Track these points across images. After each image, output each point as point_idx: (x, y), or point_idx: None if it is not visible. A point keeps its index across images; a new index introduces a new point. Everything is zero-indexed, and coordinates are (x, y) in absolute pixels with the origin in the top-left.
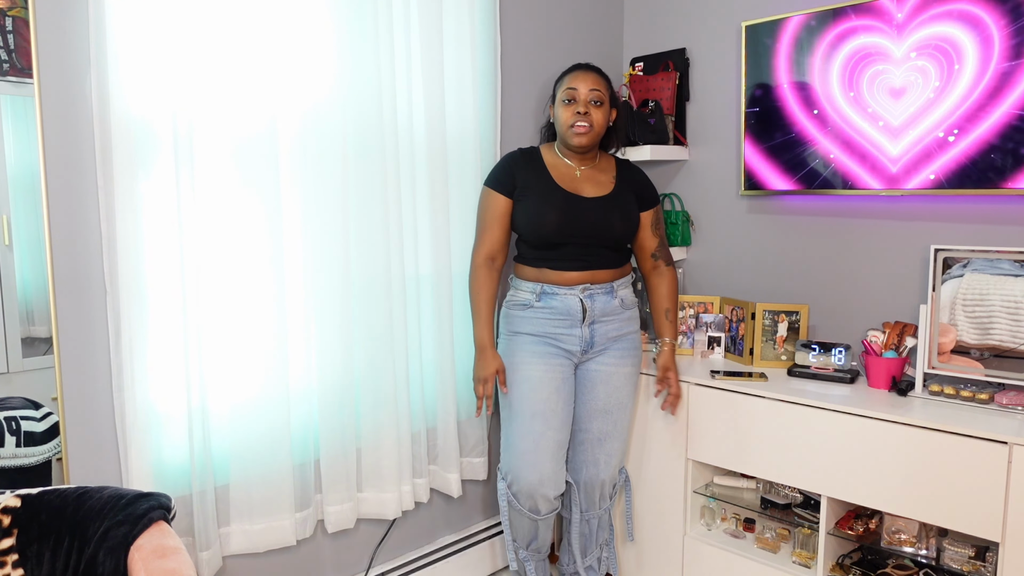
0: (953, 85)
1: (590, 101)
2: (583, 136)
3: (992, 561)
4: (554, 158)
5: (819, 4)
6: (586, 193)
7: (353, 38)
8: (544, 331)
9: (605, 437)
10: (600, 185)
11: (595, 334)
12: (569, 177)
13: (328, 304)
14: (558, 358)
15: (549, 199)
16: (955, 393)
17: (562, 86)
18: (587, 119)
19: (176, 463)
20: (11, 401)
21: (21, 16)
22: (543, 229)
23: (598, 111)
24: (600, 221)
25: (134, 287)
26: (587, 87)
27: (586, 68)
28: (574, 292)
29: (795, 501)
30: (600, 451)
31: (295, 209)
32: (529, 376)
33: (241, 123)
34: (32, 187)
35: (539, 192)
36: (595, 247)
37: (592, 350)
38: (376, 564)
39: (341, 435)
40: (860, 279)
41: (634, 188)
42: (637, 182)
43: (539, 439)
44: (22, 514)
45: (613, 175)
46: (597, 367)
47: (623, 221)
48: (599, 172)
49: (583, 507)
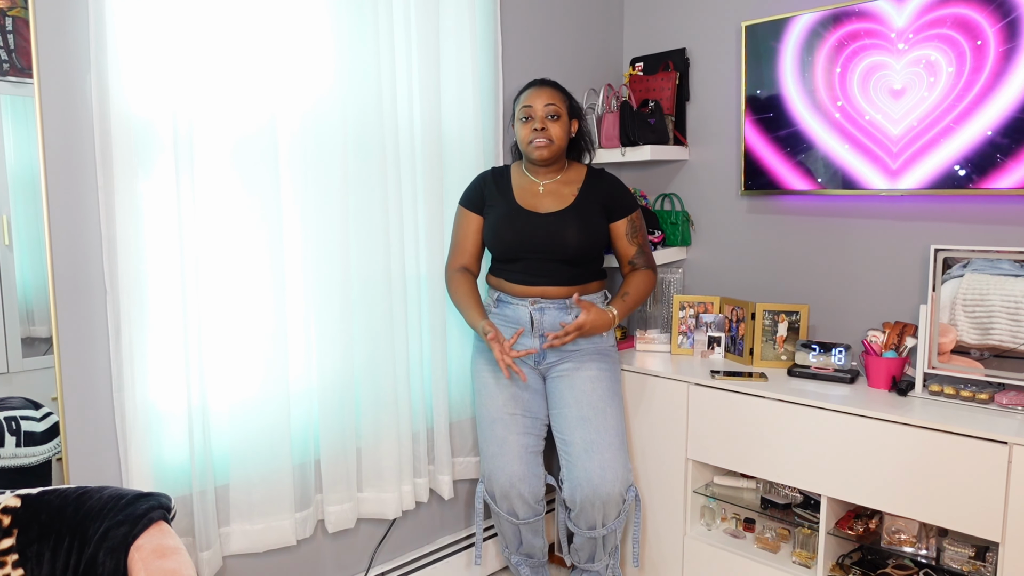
0: (953, 85)
1: (546, 116)
2: (543, 150)
3: (992, 561)
4: (520, 176)
5: (819, 4)
6: (542, 209)
7: (353, 38)
8: None
9: (591, 446)
10: (560, 199)
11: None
12: (531, 194)
13: (328, 304)
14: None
15: (506, 216)
16: (955, 393)
17: (519, 104)
18: (545, 134)
19: (176, 463)
20: (11, 401)
21: (21, 16)
22: (499, 246)
23: (555, 125)
24: (553, 236)
25: (134, 287)
26: (542, 103)
27: (541, 84)
28: (524, 304)
29: (795, 501)
30: (591, 463)
31: (295, 209)
32: (486, 383)
33: (241, 123)
34: (32, 187)
35: (500, 210)
36: (551, 262)
37: (545, 361)
38: (376, 564)
39: (341, 435)
40: (860, 279)
41: (601, 199)
42: (605, 193)
43: (502, 443)
44: (22, 514)
45: (578, 187)
46: (559, 374)
47: (581, 234)
48: (563, 185)
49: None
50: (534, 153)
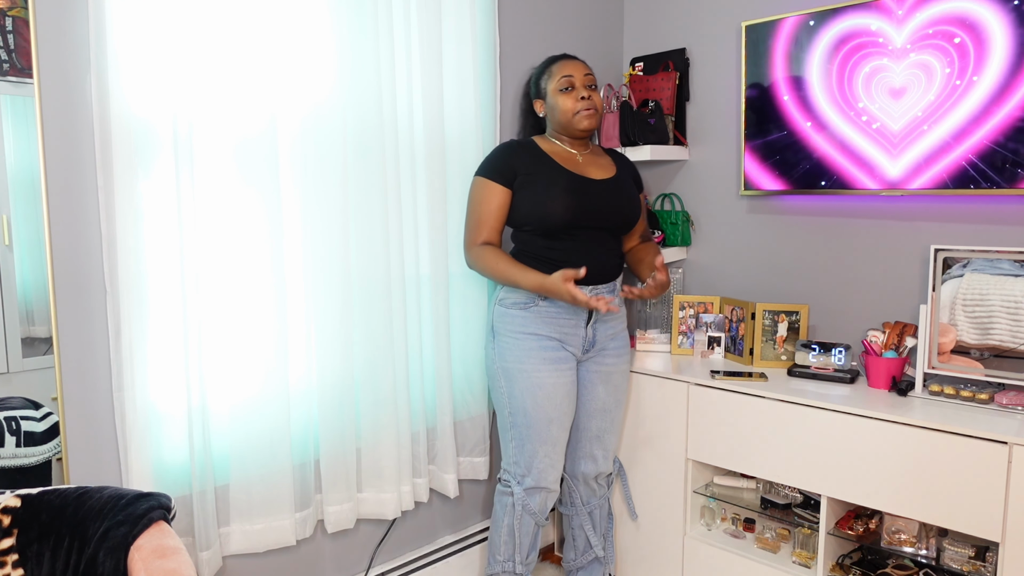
0: (953, 85)
1: (587, 85)
2: (592, 118)
3: (992, 561)
4: (552, 146)
5: (819, 4)
6: (593, 175)
7: (353, 38)
8: (550, 332)
9: (603, 434)
10: (603, 168)
11: (597, 333)
12: (572, 162)
13: (328, 304)
14: (567, 361)
15: (558, 181)
16: (955, 393)
17: (552, 76)
18: (590, 102)
19: (176, 463)
20: (11, 401)
21: (21, 16)
22: (554, 215)
23: (595, 94)
24: (611, 202)
25: (134, 287)
26: (581, 72)
27: (571, 57)
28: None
29: (795, 501)
30: (598, 447)
31: (295, 209)
32: (543, 383)
33: (241, 123)
34: (32, 187)
35: (546, 176)
36: (602, 235)
37: (593, 349)
38: (376, 564)
39: (341, 435)
40: (860, 279)
41: (629, 171)
42: (629, 166)
43: (555, 444)
44: (22, 514)
45: (611, 160)
46: (597, 367)
47: (629, 203)
48: (598, 157)
49: (584, 498)
50: (583, 122)
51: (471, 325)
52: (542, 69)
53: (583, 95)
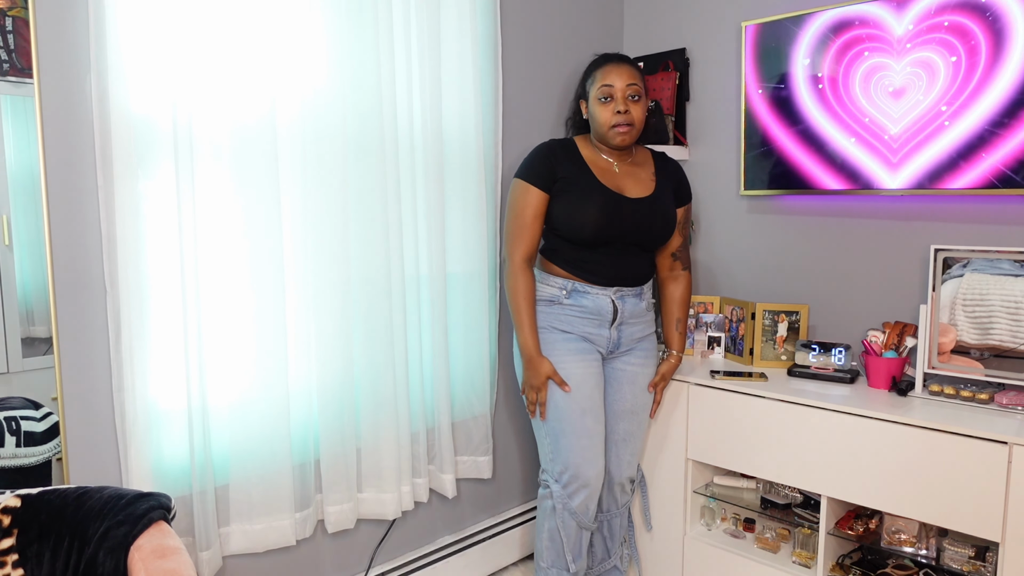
0: (954, 85)
1: (628, 97)
2: (626, 136)
3: (992, 561)
4: (592, 152)
5: (819, 4)
6: (629, 192)
7: (353, 37)
8: (575, 328)
9: (629, 437)
10: (641, 183)
11: (622, 335)
12: (609, 173)
13: (328, 304)
14: (593, 354)
15: (591, 197)
16: (955, 393)
17: (595, 82)
18: (627, 117)
19: (176, 463)
20: (11, 401)
21: (21, 16)
22: (583, 230)
23: (637, 106)
24: (642, 223)
25: (134, 287)
26: (624, 82)
27: (619, 60)
28: (607, 293)
29: (795, 501)
30: (625, 451)
31: (295, 209)
32: (572, 374)
33: (241, 123)
34: (32, 187)
35: (581, 188)
36: (634, 245)
37: (618, 350)
38: (376, 564)
39: (341, 435)
40: (860, 279)
41: (672, 184)
42: (675, 179)
43: (593, 435)
44: (22, 514)
45: (652, 171)
46: (624, 367)
47: (663, 223)
48: (638, 168)
49: (605, 505)
50: (616, 139)
51: (471, 325)
52: (590, 69)
53: (620, 108)
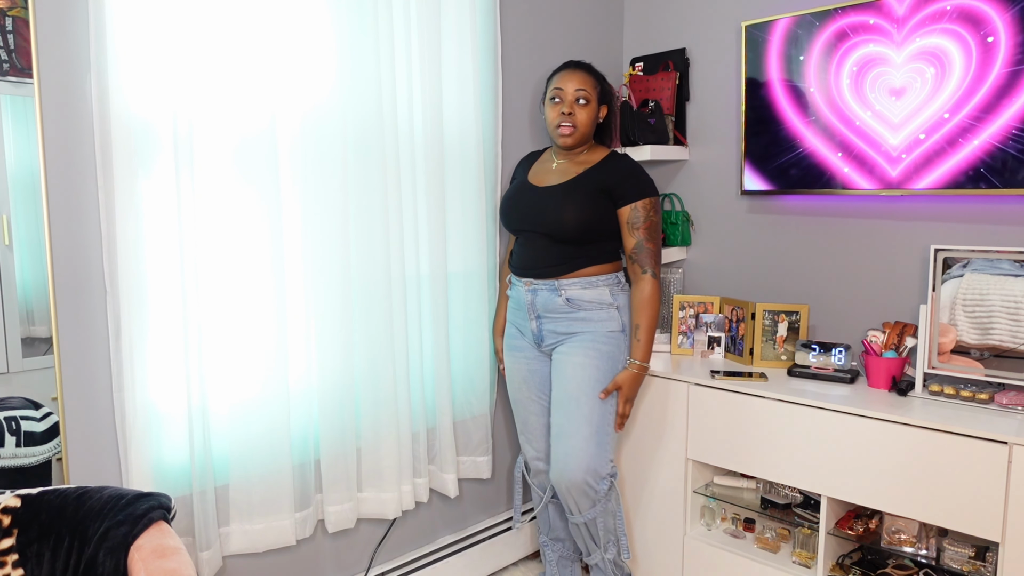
0: (952, 85)
1: (575, 100)
2: (568, 137)
3: (992, 561)
4: (547, 155)
5: (819, 4)
6: (546, 182)
7: (353, 38)
8: (514, 319)
9: (561, 431)
10: (564, 175)
11: (542, 329)
12: (543, 171)
13: (328, 304)
14: (525, 349)
15: (513, 190)
16: (955, 393)
17: (550, 85)
18: (571, 119)
19: (176, 463)
20: (11, 401)
21: (21, 16)
22: (502, 219)
23: (583, 110)
24: (547, 210)
25: (134, 287)
26: (573, 86)
27: (575, 67)
28: (522, 284)
29: (795, 501)
30: (559, 446)
31: (295, 209)
32: (507, 367)
33: (241, 123)
34: (32, 187)
35: (512, 186)
36: (543, 239)
37: (544, 344)
38: (376, 564)
39: (341, 435)
40: (860, 279)
41: (606, 180)
42: (612, 174)
43: (525, 423)
44: (22, 514)
45: (588, 167)
46: (557, 357)
47: (577, 212)
48: (576, 164)
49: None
50: (559, 139)
51: (471, 325)
52: (552, 73)
53: (565, 110)
